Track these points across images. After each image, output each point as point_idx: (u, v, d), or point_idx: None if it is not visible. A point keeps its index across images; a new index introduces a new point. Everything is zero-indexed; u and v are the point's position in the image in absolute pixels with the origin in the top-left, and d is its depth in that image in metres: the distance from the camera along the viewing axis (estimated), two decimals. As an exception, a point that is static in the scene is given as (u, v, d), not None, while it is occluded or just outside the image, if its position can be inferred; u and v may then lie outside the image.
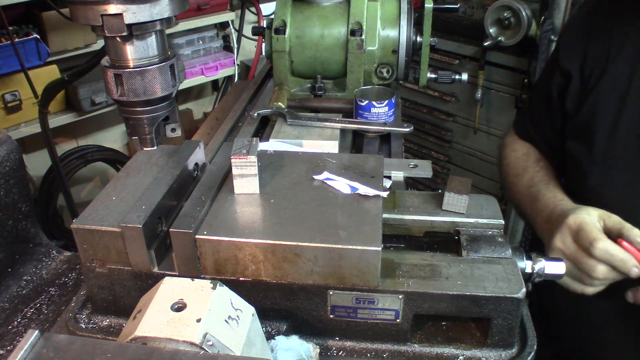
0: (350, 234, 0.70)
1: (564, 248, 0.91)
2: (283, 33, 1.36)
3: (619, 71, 1.02)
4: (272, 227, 0.73)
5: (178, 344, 0.54)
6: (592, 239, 0.85)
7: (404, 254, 0.78)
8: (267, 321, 0.76)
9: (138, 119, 0.87)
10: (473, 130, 2.66)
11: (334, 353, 0.75)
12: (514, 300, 0.71)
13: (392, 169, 1.10)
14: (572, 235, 0.90)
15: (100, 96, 2.71)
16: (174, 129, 0.94)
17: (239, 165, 0.78)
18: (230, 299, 0.60)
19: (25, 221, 1.01)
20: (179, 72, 0.89)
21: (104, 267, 0.75)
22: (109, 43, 0.82)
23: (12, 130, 2.55)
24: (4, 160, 0.95)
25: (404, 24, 1.37)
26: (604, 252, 0.84)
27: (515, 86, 2.44)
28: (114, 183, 0.82)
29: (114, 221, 0.73)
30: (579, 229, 0.88)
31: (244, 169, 0.78)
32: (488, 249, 0.78)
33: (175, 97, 0.91)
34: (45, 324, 0.86)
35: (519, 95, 2.41)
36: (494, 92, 2.54)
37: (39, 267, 1.00)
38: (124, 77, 0.82)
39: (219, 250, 0.71)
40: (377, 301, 0.72)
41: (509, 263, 0.76)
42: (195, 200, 0.77)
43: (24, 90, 2.45)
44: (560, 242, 0.91)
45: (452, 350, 0.75)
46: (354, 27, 1.34)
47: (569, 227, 0.90)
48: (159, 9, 0.78)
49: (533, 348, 0.75)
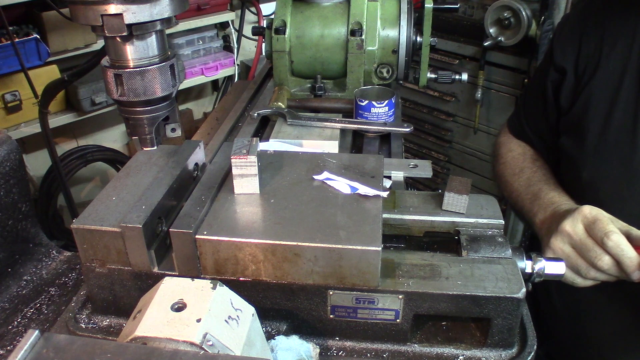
0: (350, 234, 0.70)
1: (573, 233, 0.90)
2: (283, 33, 1.36)
3: (611, 68, 1.03)
4: (272, 227, 0.73)
5: (178, 344, 0.54)
6: (608, 230, 0.85)
7: (404, 254, 0.78)
8: (267, 321, 0.76)
9: (138, 119, 0.87)
10: (473, 130, 2.66)
11: (334, 353, 0.75)
12: (514, 300, 0.71)
13: (392, 169, 1.10)
14: (585, 223, 0.90)
15: (100, 96, 2.71)
16: (174, 129, 0.94)
17: (238, 165, 0.78)
18: (230, 299, 0.60)
19: (25, 221, 1.01)
20: (179, 72, 0.89)
21: (104, 267, 0.75)
22: (109, 43, 0.82)
23: (12, 130, 2.55)
24: (4, 160, 0.95)
25: (404, 24, 1.37)
26: (616, 244, 0.84)
27: (515, 86, 2.44)
28: (114, 183, 0.82)
29: (114, 221, 0.73)
30: (596, 219, 0.88)
31: (244, 169, 0.78)
32: (488, 249, 0.78)
33: (175, 97, 0.91)
34: (45, 324, 0.86)
35: (519, 95, 2.41)
36: (494, 92, 2.54)
37: (39, 267, 1.00)
38: (124, 77, 0.82)
39: (219, 250, 0.71)
40: (377, 301, 0.72)
41: (509, 263, 0.76)
42: (195, 200, 0.77)
43: (24, 90, 2.45)
44: (570, 227, 0.90)
45: (452, 350, 0.75)
46: (354, 27, 1.34)
47: (583, 216, 0.90)
48: (159, 9, 0.78)
49: (533, 348, 0.75)
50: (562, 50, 1.12)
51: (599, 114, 1.04)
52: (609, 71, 1.04)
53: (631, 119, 0.99)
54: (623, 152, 1.01)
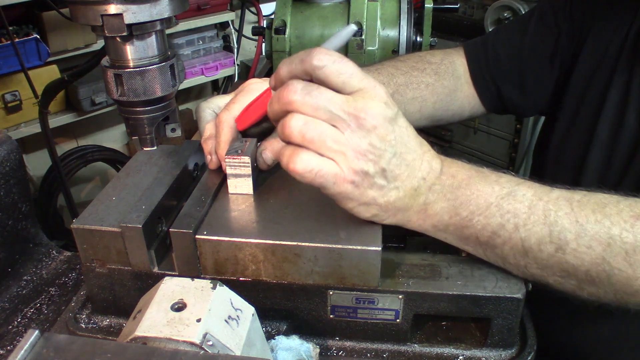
0: (350, 234, 0.70)
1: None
2: (283, 33, 1.36)
3: (583, 69, 1.04)
4: (272, 227, 0.73)
5: (178, 344, 0.54)
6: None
7: (404, 254, 0.78)
8: (267, 321, 0.76)
9: (138, 119, 0.87)
10: (473, 130, 2.66)
11: (334, 353, 0.75)
12: (514, 301, 0.71)
13: (392, 169, 1.10)
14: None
15: (100, 96, 2.71)
16: (174, 129, 0.94)
17: (232, 165, 0.78)
18: (230, 299, 0.60)
19: (25, 221, 1.01)
20: (179, 72, 0.89)
21: (104, 267, 0.75)
22: (109, 43, 0.82)
23: (12, 130, 2.56)
24: (4, 160, 0.95)
25: (404, 24, 1.37)
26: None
27: (515, 86, 2.44)
28: (114, 183, 0.82)
29: (114, 221, 0.73)
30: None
31: (238, 169, 0.78)
32: (488, 249, 0.78)
33: (175, 97, 0.91)
34: (45, 324, 0.86)
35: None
36: (494, 92, 2.54)
37: (39, 267, 1.00)
38: (124, 77, 0.82)
39: (219, 250, 0.71)
40: (377, 301, 0.72)
41: (509, 263, 0.76)
42: (195, 200, 0.77)
43: (24, 90, 2.45)
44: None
45: (452, 350, 0.75)
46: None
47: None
48: (159, 9, 0.78)
49: (533, 348, 0.75)
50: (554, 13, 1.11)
51: (566, 115, 1.05)
52: (581, 72, 1.04)
53: (602, 93, 0.99)
54: (589, 122, 1.00)
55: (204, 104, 0.85)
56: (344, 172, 0.65)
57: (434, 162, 0.70)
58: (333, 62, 0.63)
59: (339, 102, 0.63)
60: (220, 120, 0.80)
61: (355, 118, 0.63)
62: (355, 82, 0.63)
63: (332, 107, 0.62)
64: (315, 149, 0.64)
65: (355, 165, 0.64)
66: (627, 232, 0.64)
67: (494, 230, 0.68)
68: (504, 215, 0.67)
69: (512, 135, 2.67)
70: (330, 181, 0.65)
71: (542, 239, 0.67)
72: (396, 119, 0.66)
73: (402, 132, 0.66)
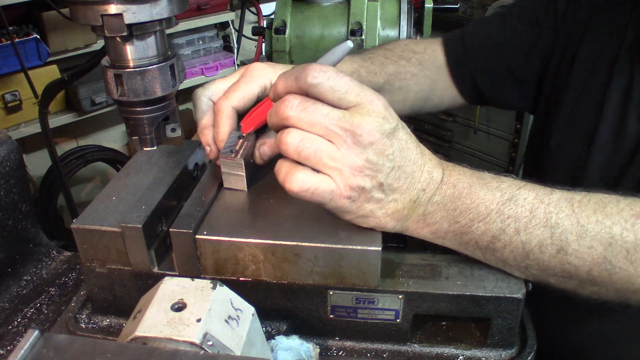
0: (350, 234, 0.70)
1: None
2: (283, 33, 1.36)
3: (582, 69, 1.03)
4: (272, 227, 0.73)
5: (178, 344, 0.54)
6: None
7: (404, 254, 0.78)
8: (267, 321, 0.76)
9: (138, 119, 0.87)
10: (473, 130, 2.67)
11: (334, 353, 0.75)
12: (514, 301, 0.71)
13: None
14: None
15: (100, 96, 2.71)
16: (174, 129, 0.94)
17: (227, 164, 0.78)
18: (230, 299, 0.60)
19: (25, 221, 1.01)
20: (179, 72, 0.89)
21: (104, 267, 0.75)
22: (109, 43, 0.82)
23: (12, 130, 2.56)
24: (4, 160, 0.95)
25: (404, 24, 1.37)
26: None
27: (515, 86, 2.44)
28: (114, 183, 0.82)
29: (114, 221, 0.73)
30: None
31: (232, 169, 0.78)
32: (488, 249, 0.78)
33: (175, 97, 0.91)
34: (45, 324, 0.86)
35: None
36: (494, 92, 2.54)
37: (39, 267, 1.00)
38: (124, 77, 0.82)
39: (219, 250, 0.71)
40: (377, 301, 0.72)
41: (509, 263, 0.76)
42: (195, 200, 0.77)
43: (24, 90, 2.46)
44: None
45: (452, 350, 0.75)
46: (354, 27, 1.34)
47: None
48: (159, 9, 0.78)
49: (533, 348, 0.75)
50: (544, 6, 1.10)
51: (563, 116, 1.04)
52: (578, 73, 1.03)
53: (602, 93, 0.98)
54: (589, 122, 0.99)
55: (200, 90, 0.82)
56: (340, 188, 0.65)
57: (434, 172, 0.70)
58: (327, 80, 0.62)
59: (335, 118, 0.62)
60: (219, 109, 0.79)
61: (352, 134, 0.62)
62: (351, 97, 0.63)
63: (328, 123, 0.62)
64: (311, 166, 0.65)
65: (352, 182, 0.64)
66: (627, 231, 0.65)
67: (494, 235, 0.69)
68: (504, 221, 0.68)
69: (512, 135, 2.67)
70: (327, 198, 0.66)
71: (544, 241, 0.67)
72: (395, 132, 0.65)
73: (402, 145, 0.66)
